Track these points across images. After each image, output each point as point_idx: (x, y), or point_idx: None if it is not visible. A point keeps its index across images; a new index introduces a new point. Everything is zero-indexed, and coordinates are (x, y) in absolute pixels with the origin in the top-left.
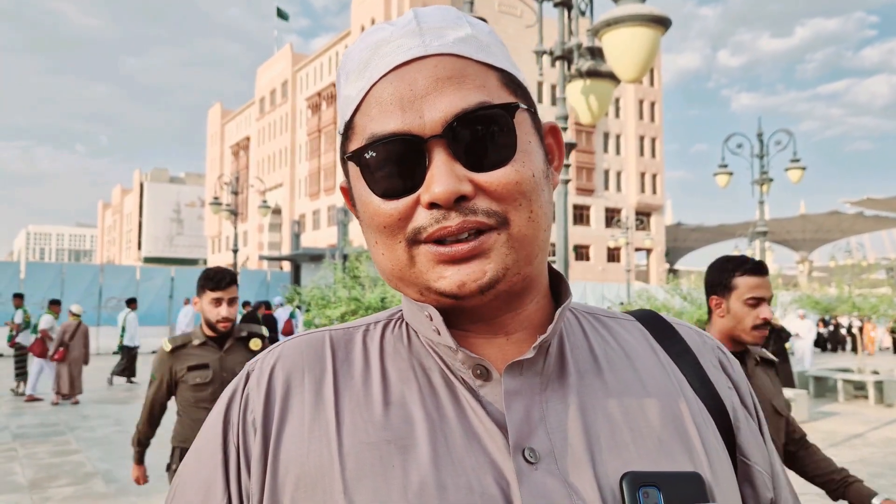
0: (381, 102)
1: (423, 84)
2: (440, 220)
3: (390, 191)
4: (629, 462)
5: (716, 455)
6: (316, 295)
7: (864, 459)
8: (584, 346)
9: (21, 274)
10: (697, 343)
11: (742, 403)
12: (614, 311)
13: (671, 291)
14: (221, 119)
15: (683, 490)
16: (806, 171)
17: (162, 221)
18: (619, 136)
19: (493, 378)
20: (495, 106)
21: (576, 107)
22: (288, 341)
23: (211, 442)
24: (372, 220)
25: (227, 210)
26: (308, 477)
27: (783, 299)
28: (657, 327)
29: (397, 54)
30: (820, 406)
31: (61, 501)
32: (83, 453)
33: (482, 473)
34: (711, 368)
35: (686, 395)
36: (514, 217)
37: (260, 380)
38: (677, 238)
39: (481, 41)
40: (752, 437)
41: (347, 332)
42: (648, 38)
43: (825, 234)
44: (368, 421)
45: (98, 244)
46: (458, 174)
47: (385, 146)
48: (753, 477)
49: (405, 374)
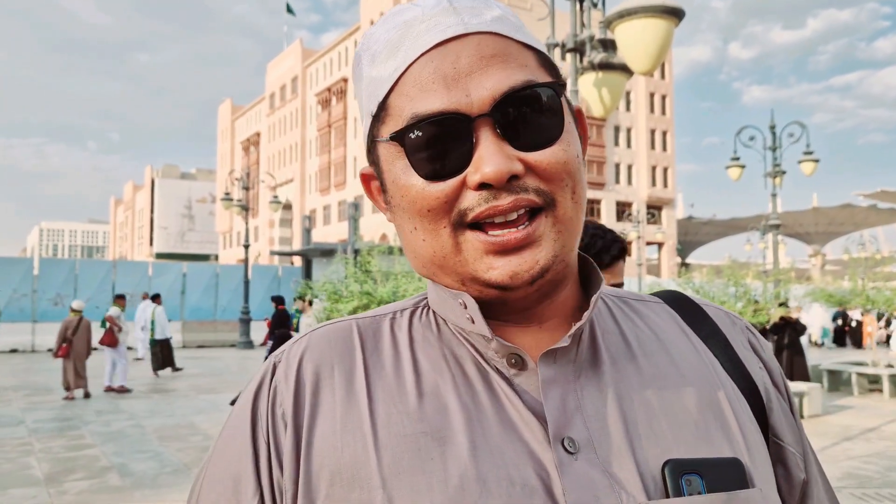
0: (422, 81)
1: (466, 62)
2: (490, 200)
3: (436, 172)
4: (668, 449)
5: (752, 438)
6: (328, 289)
7: (880, 453)
8: (616, 331)
9: (35, 270)
10: (727, 324)
11: (773, 384)
12: (641, 294)
13: (683, 285)
14: (232, 115)
15: (724, 476)
16: (819, 164)
17: (173, 217)
18: (629, 129)
19: (527, 367)
20: (544, 84)
21: (588, 99)
22: (315, 330)
23: (238, 436)
24: (413, 204)
25: (237, 206)
26: (344, 472)
27: (796, 293)
28: (686, 309)
29: (436, 32)
30: (834, 400)
31: (77, 495)
32: (98, 447)
33: (522, 465)
34: (742, 349)
35: (720, 377)
36: (560, 198)
37: (288, 372)
38: (689, 232)
39: (514, 22)
40: (783, 418)
41: (374, 321)
42: (662, 29)
43: (838, 227)
44: (403, 412)
45: (110, 240)
46: (508, 153)
47: (430, 126)
48: (786, 458)
49: (437, 363)
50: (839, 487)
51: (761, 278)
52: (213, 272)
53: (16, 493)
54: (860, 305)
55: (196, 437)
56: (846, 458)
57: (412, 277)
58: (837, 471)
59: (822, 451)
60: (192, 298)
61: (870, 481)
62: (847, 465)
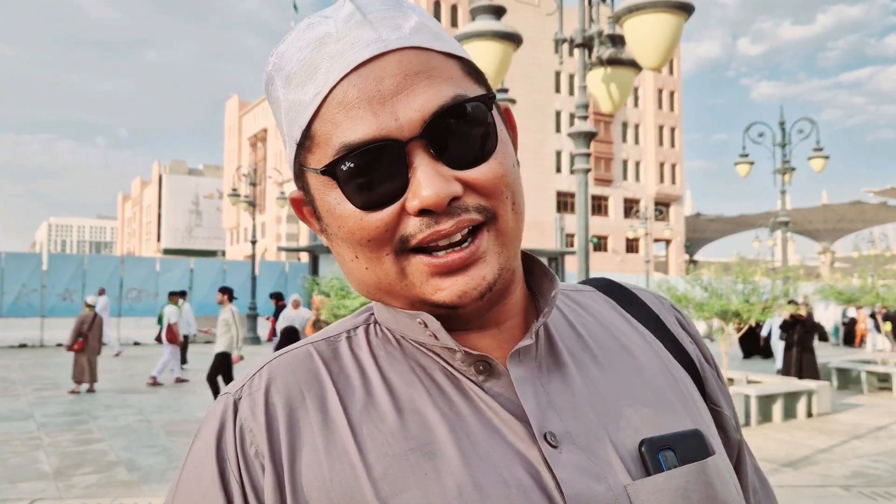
0: (347, 107)
1: (391, 82)
2: (431, 225)
3: (373, 202)
4: (639, 429)
5: (703, 408)
6: (335, 285)
7: (890, 452)
8: (565, 323)
9: (43, 265)
10: (657, 305)
11: (703, 354)
12: (574, 284)
13: (691, 282)
14: (239, 111)
15: (692, 447)
16: (828, 161)
17: (181, 213)
18: (637, 125)
19: (495, 371)
20: (473, 98)
21: (596, 95)
22: (271, 361)
23: (204, 482)
24: (352, 235)
25: (245, 201)
26: (337, 502)
27: (805, 290)
28: (619, 295)
29: (354, 52)
30: (843, 398)
31: (85, 489)
32: (106, 442)
33: (512, 466)
34: (674, 326)
35: (665, 356)
36: (501, 211)
37: (254, 408)
38: (697, 228)
39: (433, 29)
40: (715, 385)
41: (330, 343)
42: (671, 24)
43: (848, 224)
44: (386, 432)
45: (118, 236)
46: (445, 175)
47: (361, 155)
48: (724, 421)
49: (407, 377)
50: (848, 486)
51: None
52: (220, 268)
53: (25, 487)
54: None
55: None
56: (855, 456)
57: None
58: (846, 469)
59: (831, 450)
60: (200, 294)
61: (879, 480)
62: (856, 464)
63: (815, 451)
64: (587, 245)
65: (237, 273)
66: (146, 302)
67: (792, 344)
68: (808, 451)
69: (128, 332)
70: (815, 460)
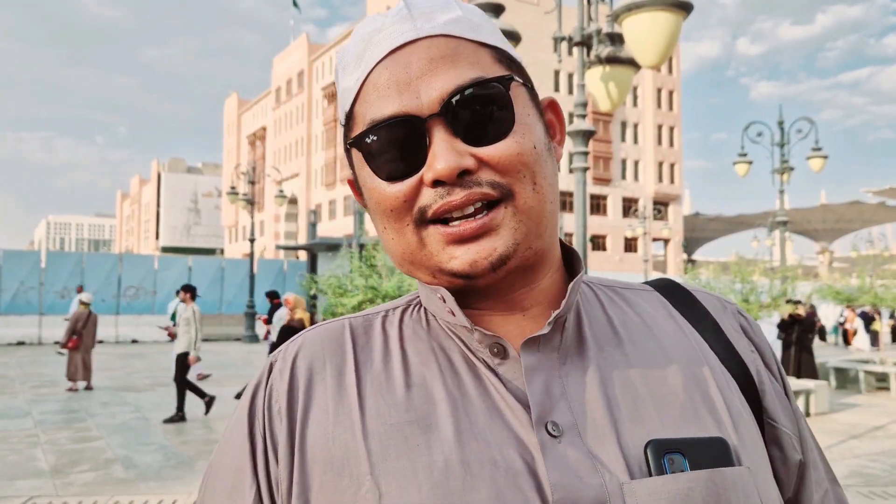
0: (378, 88)
1: (417, 65)
2: (444, 196)
3: (394, 173)
4: (653, 430)
5: (741, 419)
6: (333, 283)
7: (887, 451)
8: (603, 318)
9: (42, 263)
10: (717, 308)
11: (766, 366)
12: (631, 283)
13: (690, 281)
14: (238, 109)
15: (708, 455)
16: (827, 161)
17: (179, 211)
18: (636, 124)
19: (510, 355)
20: (490, 79)
21: (595, 94)
22: (309, 331)
23: (237, 432)
24: (378, 205)
25: (243, 200)
26: (335, 461)
27: (804, 290)
28: (676, 295)
29: (390, 40)
30: (841, 398)
31: (82, 487)
32: (103, 440)
33: (506, 448)
34: (733, 332)
35: (708, 360)
36: (518, 189)
37: (283, 370)
38: (695, 228)
39: (473, 21)
40: (777, 400)
41: (367, 319)
42: (670, 22)
43: (846, 223)
44: (391, 403)
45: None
46: (459, 150)
47: (385, 129)
48: (781, 439)
49: (425, 356)
50: (846, 486)
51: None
52: (218, 266)
53: (22, 485)
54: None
55: (200, 430)
56: (853, 455)
57: None
58: (844, 469)
59: (829, 449)
60: (198, 292)
61: (876, 479)
62: (854, 463)
63: None
64: (585, 244)
65: (235, 271)
66: (144, 300)
67: (790, 343)
68: None
69: (126, 329)
70: None
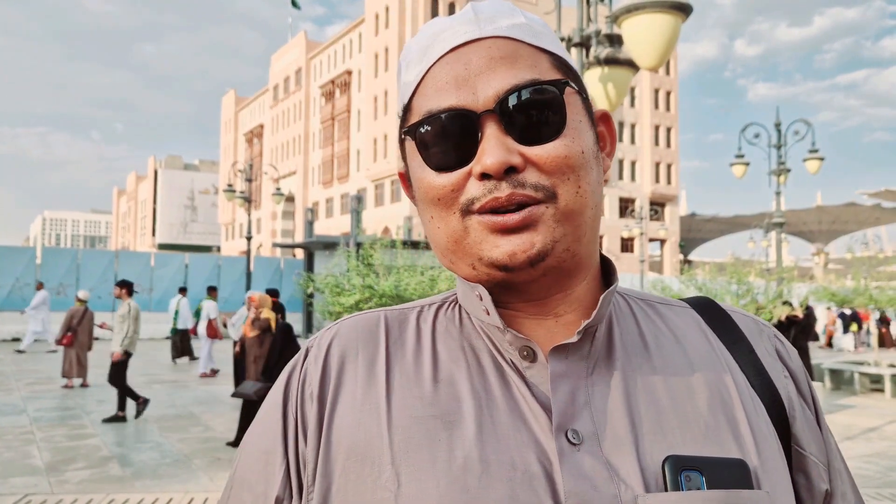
0: (437, 82)
1: (477, 63)
2: (492, 191)
3: (444, 164)
4: (674, 446)
5: (765, 443)
6: (330, 282)
7: (881, 453)
8: (634, 330)
9: (37, 259)
10: (753, 330)
11: (799, 393)
12: (668, 298)
13: (686, 282)
14: (235, 106)
15: (726, 475)
16: (823, 162)
17: (176, 208)
18: (633, 125)
19: (538, 360)
20: (545, 82)
21: (593, 94)
22: (345, 320)
23: (272, 413)
24: (427, 194)
25: (240, 197)
26: (358, 447)
27: (799, 291)
28: (711, 314)
29: (454, 38)
30: (836, 399)
31: (78, 484)
32: (99, 437)
33: (525, 451)
34: (766, 356)
35: (737, 381)
36: (561, 191)
37: (318, 356)
38: (692, 228)
39: (534, 29)
40: (807, 427)
41: (402, 313)
42: (669, 24)
43: (842, 225)
44: (417, 397)
45: (113, 230)
46: (509, 146)
47: (439, 121)
48: (808, 467)
49: (455, 353)
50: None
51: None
52: (215, 263)
53: (17, 482)
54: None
55: (197, 427)
56: (847, 457)
57: (414, 271)
58: None
59: None
60: (194, 290)
61: (870, 481)
62: (848, 465)
63: None
64: None
65: (232, 269)
66: (140, 297)
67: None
68: None
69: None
70: None
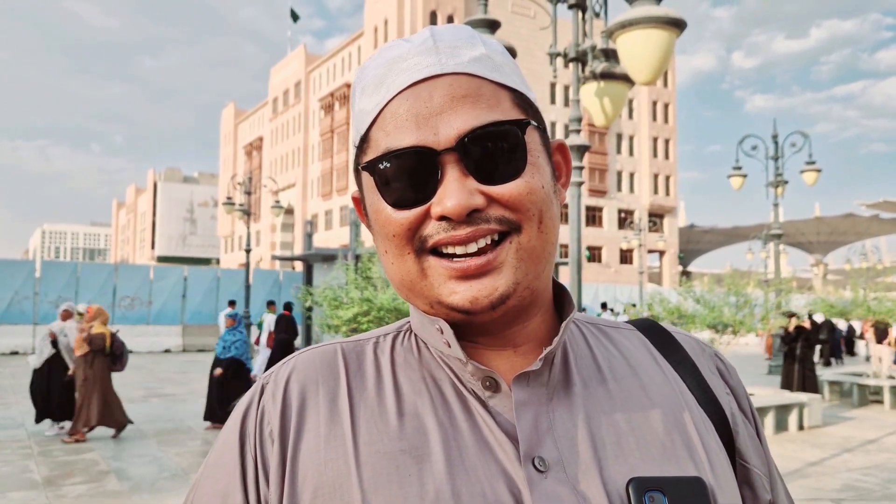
0: (398, 118)
1: (438, 101)
2: (448, 230)
3: (402, 201)
4: (635, 468)
5: (717, 459)
6: (328, 295)
7: (880, 465)
8: (588, 356)
9: (36, 272)
10: (696, 350)
11: (740, 408)
12: (615, 321)
13: (684, 294)
14: (235, 119)
15: (687, 494)
16: (821, 174)
17: (175, 221)
18: (632, 137)
19: (501, 389)
20: (508, 122)
21: (589, 109)
22: (301, 354)
23: (228, 454)
24: (383, 229)
25: (239, 210)
26: (325, 487)
27: (798, 302)
28: (657, 336)
29: (414, 72)
30: (834, 411)
31: (75, 499)
32: (97, 451)
33: (495, 482)
34: (710, 375)
35: (687, 401)
36: (526, 226)
37: (275, 392)
38: (690, 240)
39: (495, 61)
40: (749, 441)
41: (358, 345)
42: (663, 39)
43: (840, 236)
44: (384, 431)
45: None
46: (470, 188)
47: (399, 158)
48: (752, 480)
49: (417, 385)
50: (839, 499)
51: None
52: (214, 276)
53: (15, 497)
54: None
55: (195, 441)
56: (846, 469)
57: None
58: (837, 483)
59: (822, 463)
60: (193, 302)
61: (870, 493)
62: (846, 477)
63: (806, 465)
64: (580, 257)
65: (231, 281)
66: (139, 310)
67: (794, 357)
68: (799, 464)
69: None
70: (806, 473)
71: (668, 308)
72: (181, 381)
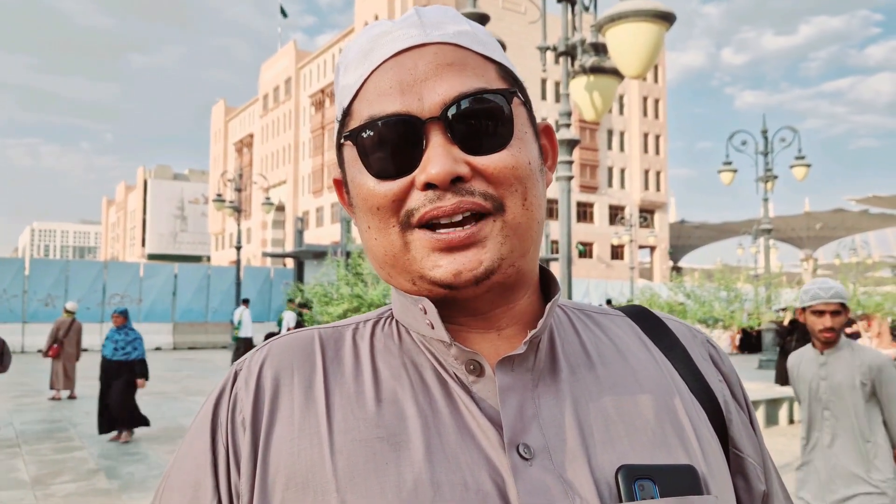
0: (381, 87)
1: (423, 69)
2: (434, 201)
3: (385, 171)
4: (624, 456)
5: (709, 447)
6: (319, 292)
7: None
8: (576, 341)
9: (25, 270)
10: (687, 337)
11: (733, 396)
12: (604, 308)
13: (675, 289)
14: (225, 116)
15: (678, 482)
16: (810, 169)
17: (166, 218)
18: (622, 133)
19: (486, 374)
20: (495, 91)
21: (579, 103)
22: (276, 339)
23: (198, 443)
24: (366, 202)
25: (230, 207)
26: (299, 476)
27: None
28: (647, 322)
29: (398, 42)
30: None
31: (64, 498)
32: (86, 450)
33: (477, 470)
34: (702, 361)
35: (678, 388)
36: (509, 203)
37: (248, 379)
38: (681, 235)
39: (480, 38)
40: (743, 430)
41: (337, 331)
42: (652, 33)
43: (830, 231)
44: (360, 418)
45: (102, 241)
46: (455, 156)
47: (382, 126)
48: (746, 469)
49: (397, 371)
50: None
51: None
52: (204, 273)
53: (2, 496)
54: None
55: None
56: None
57: None
58: None
59: None
60: (184, 300)
61: None
62: None
63: (797, 458)
64: (570, 252)
65: (222, 278)
66: (129, 308)
67: (788, 351)
68: (789, 457)
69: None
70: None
71: (658, 303)
72: (172, 378)
